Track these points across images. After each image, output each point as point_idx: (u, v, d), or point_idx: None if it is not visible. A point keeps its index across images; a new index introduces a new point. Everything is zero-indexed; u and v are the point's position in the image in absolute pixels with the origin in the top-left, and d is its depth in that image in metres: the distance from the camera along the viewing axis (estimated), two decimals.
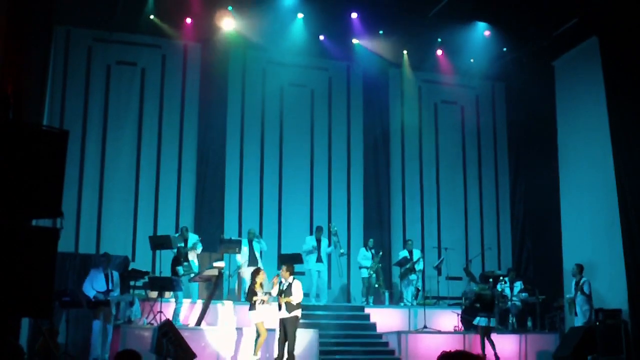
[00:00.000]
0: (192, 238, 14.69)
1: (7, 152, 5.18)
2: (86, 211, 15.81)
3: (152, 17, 15.74)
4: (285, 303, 11.97)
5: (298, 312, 12.10)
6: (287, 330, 11.95)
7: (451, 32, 16.64)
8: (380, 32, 16.87)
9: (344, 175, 17.90)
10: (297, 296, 12.05)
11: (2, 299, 5.04)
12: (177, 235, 14.74)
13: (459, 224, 18.48)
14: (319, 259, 15.55)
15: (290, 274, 12.22)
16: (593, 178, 15.31)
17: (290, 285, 12.12)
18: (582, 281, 14.35)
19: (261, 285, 12.42)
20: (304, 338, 12.99)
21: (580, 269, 14.49)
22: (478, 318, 13.79)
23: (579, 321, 14.23)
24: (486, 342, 13.58)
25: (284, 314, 12.01)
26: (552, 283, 15.87)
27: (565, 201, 16.20)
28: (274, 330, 12.42)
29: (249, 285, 12.90)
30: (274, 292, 12.24)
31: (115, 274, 12.86)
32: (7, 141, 5.21)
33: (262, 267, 13.38)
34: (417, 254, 16.35)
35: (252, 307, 12.35)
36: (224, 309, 13.91)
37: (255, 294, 12.32)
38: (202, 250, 14.77)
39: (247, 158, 17.20)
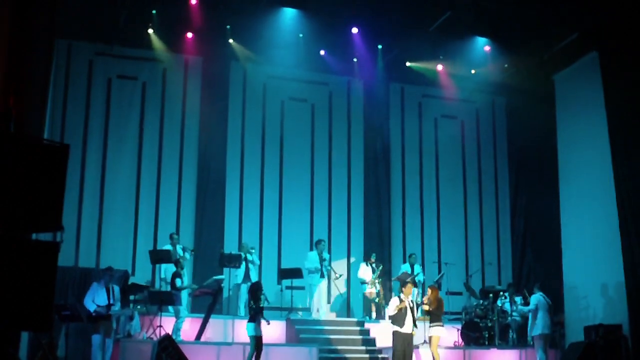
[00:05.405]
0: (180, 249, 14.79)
1: (8, 165, 5.18)
2: (86, 225, 15.78)
3: (151, 31, 15.79)
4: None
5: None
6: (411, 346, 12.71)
7: (451, 46, 16.68)
8: (380, 46, 16.93)
9: (344, 189, 17.89)
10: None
11: (2, 313, 5.03)
12: (170, 245, 14.82)
13: (459, 239, 18.46)
14: (322, 275, 15.49)
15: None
16: (593, 192, 15.30)
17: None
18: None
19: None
20: (303, 353, 12.96)
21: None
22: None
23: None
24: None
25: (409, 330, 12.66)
26: (553, 298, 15.76)
27: (566, 215, 16.19)
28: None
29: (249, 300, 12.80)
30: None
31: (116, 288, 12.82)
32: (7, 154, 5.21)
33: (259, 282, 13.39)
34: (417, 268, 16.33)
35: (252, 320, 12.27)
36: (224, 323, 13.86)
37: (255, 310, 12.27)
38: (202, 264, 14.72)
39: (247, 172, 17.20)
